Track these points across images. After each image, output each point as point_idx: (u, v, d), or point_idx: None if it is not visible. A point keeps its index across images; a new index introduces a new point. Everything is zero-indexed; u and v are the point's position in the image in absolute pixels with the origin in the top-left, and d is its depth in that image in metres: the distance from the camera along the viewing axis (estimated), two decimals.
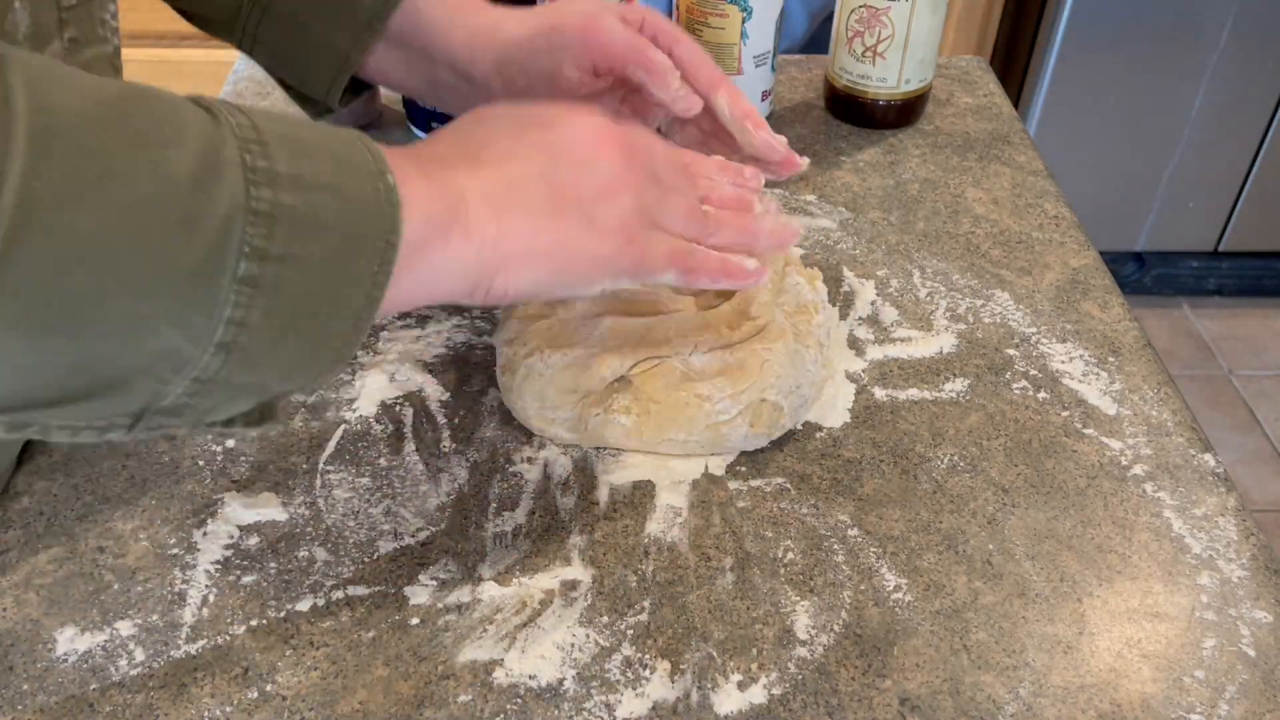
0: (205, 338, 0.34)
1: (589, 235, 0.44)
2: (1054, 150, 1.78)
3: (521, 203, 0.42)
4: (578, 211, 0.44)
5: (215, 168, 0.33)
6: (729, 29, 0.75)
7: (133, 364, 0.34)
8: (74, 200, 0.30)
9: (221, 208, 0.33)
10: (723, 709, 0.44)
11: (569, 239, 0.43)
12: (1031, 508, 0.52)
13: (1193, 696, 0.44)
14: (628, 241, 0.45)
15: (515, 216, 0.42)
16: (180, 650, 0.46)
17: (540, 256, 0.43)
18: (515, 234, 0.42)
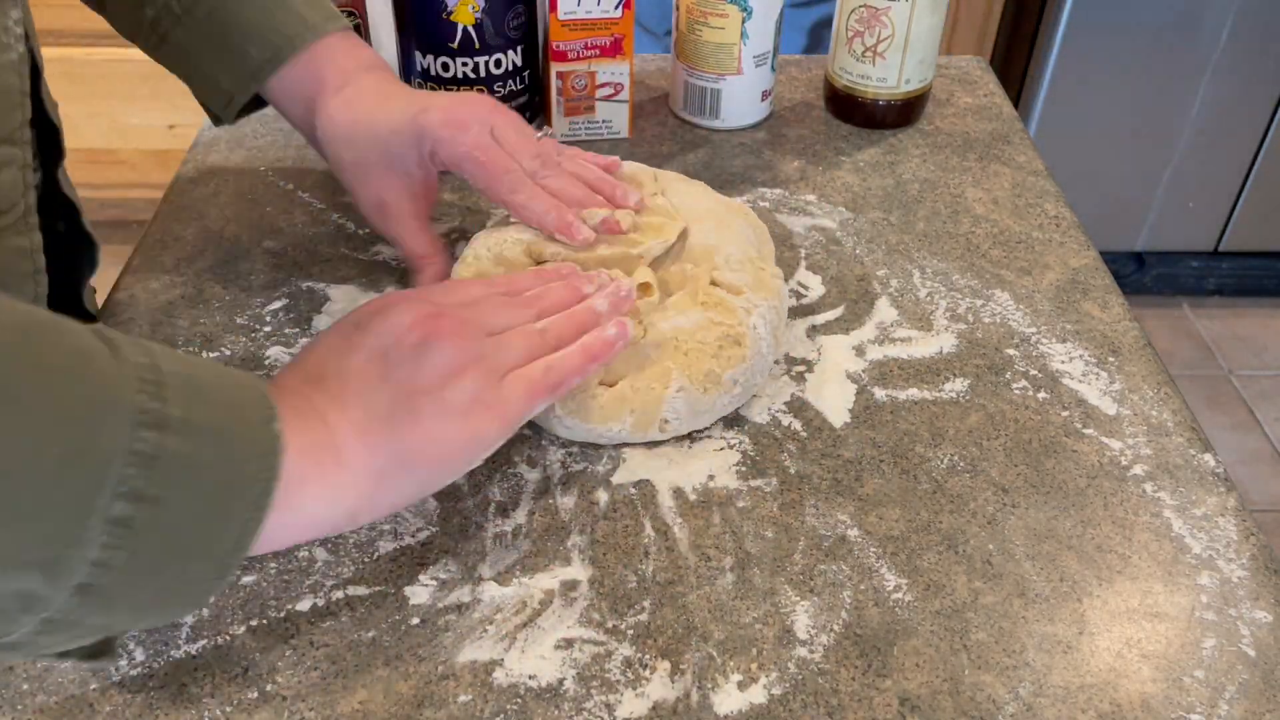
0: (65, 579, 0.33)
1: (449, 423, 0.45)
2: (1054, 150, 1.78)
3: (378, 414, 0.44)
4: (431, 403, 0.44)
5: (106, 405, 0.34)
6: (729, 29, 0.75)
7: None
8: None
9: (103, 447, 0.33)
10: (723, 709, 0.44)
11: (437, 436, 0.45)
12: (1031, 508, 0.52)
13: (1193, 696, 0.44)
14: (486, 410, 0.46)
15: (376, 429, 0.43)
16: (180, 650, 0.46)
17: (413, 462, 0.44)
18: (381, 447, 0.43)
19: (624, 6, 0.73)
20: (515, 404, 0.47)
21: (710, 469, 0.54)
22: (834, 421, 0.57)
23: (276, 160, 0.76)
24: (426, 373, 0.45)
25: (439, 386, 0.45)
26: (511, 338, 0.49)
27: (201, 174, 0.75)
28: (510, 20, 0.72)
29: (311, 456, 0.41)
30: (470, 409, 0.45)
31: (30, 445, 0.32)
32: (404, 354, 0.45)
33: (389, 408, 0.44)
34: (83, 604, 0.34)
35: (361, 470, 0.42)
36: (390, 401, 0.44)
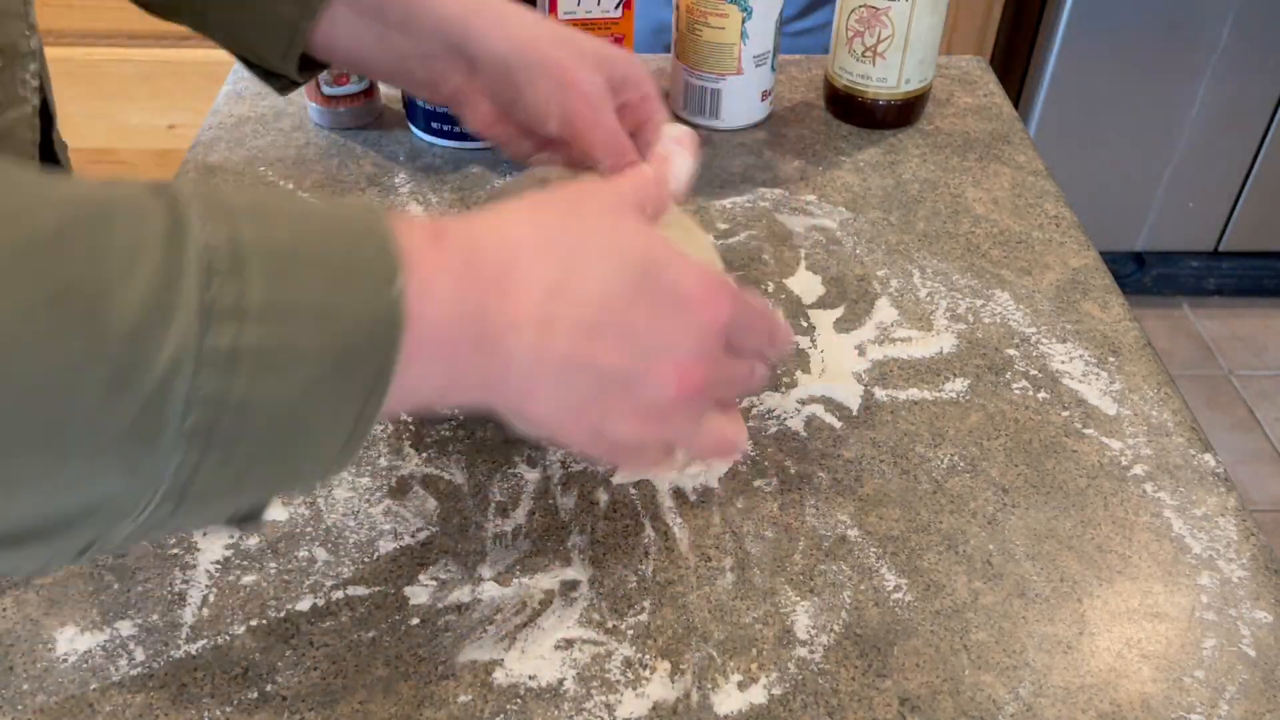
0: (149, 490, 0.30)
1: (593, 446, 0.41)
2: (1054, 150, 1.78)
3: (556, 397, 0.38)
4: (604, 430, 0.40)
5: (164, 310, 0.28)
6: (729, 29, 0.75)
7: (73, 514, 0.30)
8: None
9: (163, 361, 0.28)
10: (723, 709, 0.44)
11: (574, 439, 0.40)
12: (1031, 508, 0.52)
13: (1193, 696, 0.44)
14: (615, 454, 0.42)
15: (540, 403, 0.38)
16: (180, 650, 0.46)
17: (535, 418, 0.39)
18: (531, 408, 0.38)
19: (624, 6, 0.73)
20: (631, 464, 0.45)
21: (710, 469, 0.54)
22: (834, 421, 0.57)
23: (276, 160, 0.76)
24: (639, 410, 0.39)
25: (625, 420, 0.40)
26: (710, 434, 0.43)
27: (201, 174, 0.75)
28: None
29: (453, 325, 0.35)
30: (614, 449, 0.41)
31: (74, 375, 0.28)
32: (646, 381, 0.39)
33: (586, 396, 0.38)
34: (178, 510, 0.31)
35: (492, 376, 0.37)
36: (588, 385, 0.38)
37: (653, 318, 0.38)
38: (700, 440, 0.43)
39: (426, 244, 0.35)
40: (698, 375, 0.39)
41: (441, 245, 0.35)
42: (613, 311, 0.38)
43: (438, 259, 0.35)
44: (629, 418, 0.39)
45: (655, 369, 0.39)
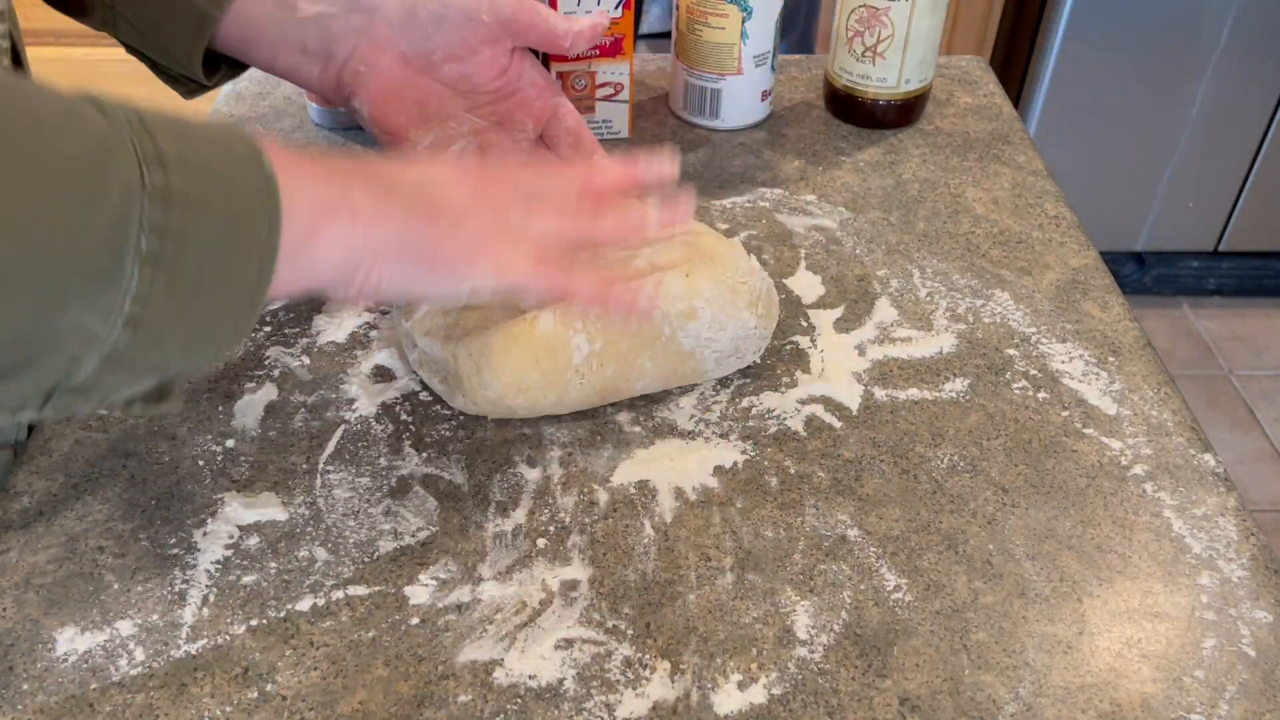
0: (114, 314, 0.35)
1: (453, 236, 0.47)
2: (1054, 150, 1.78)
3: (400, 204, 0.46)
4: (446, 215, 0.47)
5: (109, 149, 0.35)
6: (729, 29, 0.75)
7: (46, 342, 0.35)
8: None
9: (118, 185, 0.35)
10: (723, 709, 0.44)
11: (439, 237, 0.46)
12: (1031, 508, 0.52)
13: (1193, 696, 0.44)
14: (483, 251, 0.47)
15: (393, 212, 0.45)
16: (180, 650, 0.46)
17: (412, 253, 0.46)
18: (392, 229, 0.45)
19: (624, 6, 0.73)
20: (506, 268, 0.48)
21: (710, 469, 0.54)
22: (834, 421, 0.57)
23: None
24: (454, 199, 0.47)
25: (462, 207, 0.47)
26: (544, 225, 0.50)
27: None
28: None
29: (324, 208, 0.43)
30: (474, 240, 0.48)
31: (56, 190, 0.33)
32: (444, 185, 0.48)
33: (412, 203, 0.46)
34: (134, 338, 0.36)
35: (369, 237, 0.44)
36: (416, 200, 0.46)
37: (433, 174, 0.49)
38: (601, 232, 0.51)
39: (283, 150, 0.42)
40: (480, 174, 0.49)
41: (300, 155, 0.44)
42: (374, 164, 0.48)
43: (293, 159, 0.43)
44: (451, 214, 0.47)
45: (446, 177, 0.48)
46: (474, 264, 0.47)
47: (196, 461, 0.54)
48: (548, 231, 0.49)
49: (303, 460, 0.54)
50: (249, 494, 0.52)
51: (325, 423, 0.56)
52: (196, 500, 0.52)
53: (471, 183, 0.49)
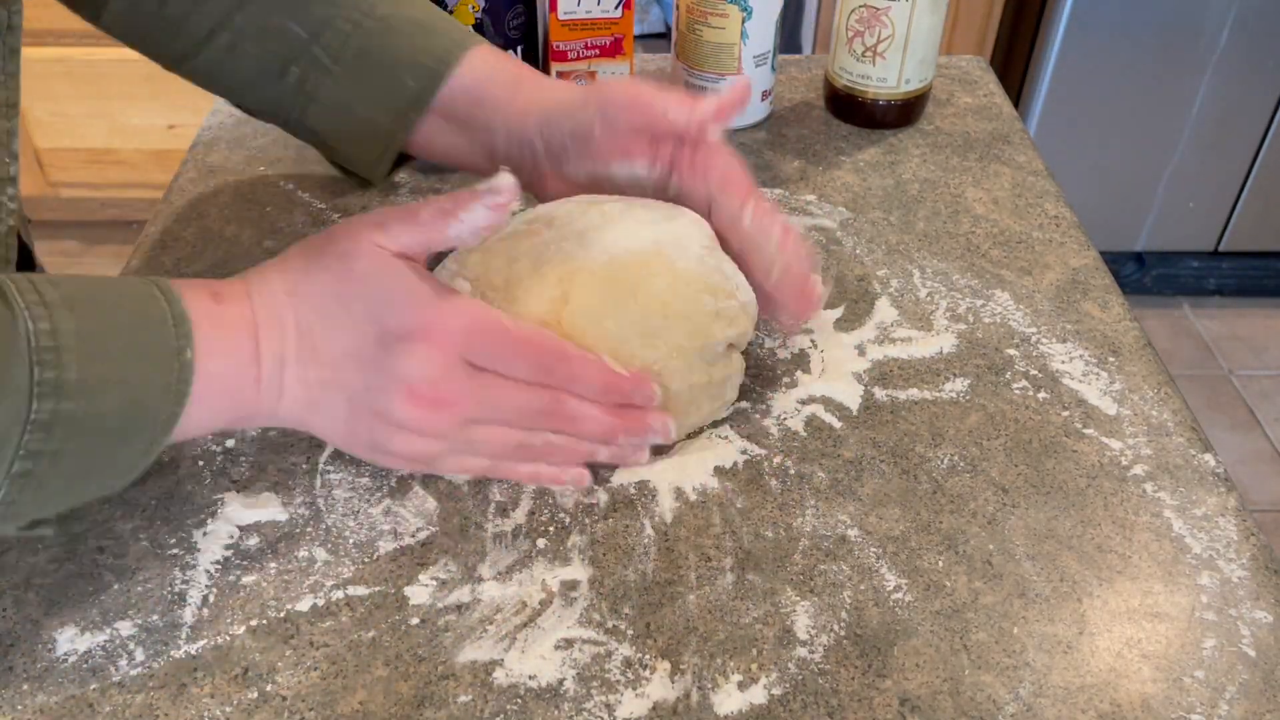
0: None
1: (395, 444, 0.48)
2: (1054, 150, 1.78)
3: (332, 403, 0.47)
4: (386, 428, 0.47)
5: (2, 394, 0.37)
6: (729, 29, 0.75)
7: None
8: None
9: (3, 419, 0.37)
10: (723, 709, 0.44)
11: (376, 441, 0.48)
12: (1031, 508, 0.52)
13: (1193, 696, 0.44)
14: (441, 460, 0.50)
15: (324, 410, 0.47)
16: (180, 650, 0.46)
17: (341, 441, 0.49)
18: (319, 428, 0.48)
19: (624, 6, 0.73)
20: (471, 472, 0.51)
21: (710, 469, 0.54)
22: (834, 421, 0.57)
23: (276, 160, 0.76)
24: (395, 418, 0.47)
25: (388, 434, 0.47)
26: (491, 436, 0.49)
27: (201, 174, 0.75)
28: (510, 20, 0.72)
29: (243, 409, 0.45)
30: (401, 458, 0.49)
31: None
32: (389, 395, 0.46)
33: (348, 411, 0.47)
34: (3, 515, 0.40)
35: (274, 408, 0.46)
36: (342, 408, 0.47)
37: (379, 346, 0.45)
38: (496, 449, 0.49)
39: (209, 306, 0.44)
40: (427, 392, 0.46)
41: (221, 305, 0.45)
42: (348, 343, 0.46)
43: (219, 319, 0.44)
44: (393, 433, 0.47)
45: (387, 388, 0.46)
46: (418, 467, 0.50)
47: (196, 461, 0.54)
48: (500, 442, 0.49)
49: (303, 460, 0.54)
50: (249, 494, 0.52)
51: None
52: (196, 500, 0.52)
53: (420, 415, 0.46)
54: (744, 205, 0.54)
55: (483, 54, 0.60)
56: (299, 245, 0.49)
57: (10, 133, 0.50)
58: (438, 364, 0.46)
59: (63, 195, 2.04)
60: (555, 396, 0.49)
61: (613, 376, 0.49)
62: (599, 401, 0.50)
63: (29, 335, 0.38)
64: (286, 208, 0.72)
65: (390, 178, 0.63)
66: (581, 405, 0.49)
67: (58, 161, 2.00)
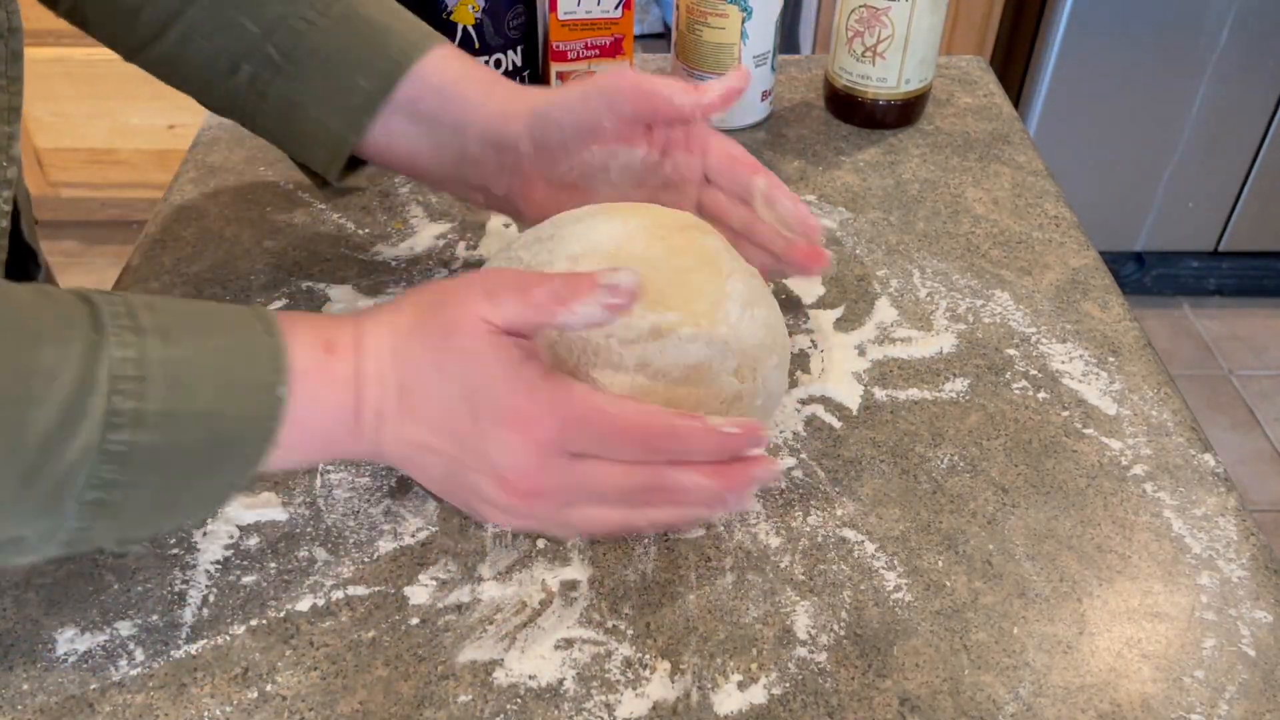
0: (49, 539, 0.38)
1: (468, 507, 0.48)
2: (1054, 150, 1.78)
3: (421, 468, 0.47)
4: (480, 504, 0.46)
5: (73, 422, 0.36)
6: (729, 29, 0.75)
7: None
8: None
9: (70, 459, 0.36)
10: (723, 709, 0.44)
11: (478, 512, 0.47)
12: (1031, 508, 0.52)
13: (1193, 696, 0.44)
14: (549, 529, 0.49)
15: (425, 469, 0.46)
16: (180, 650, 0.46)
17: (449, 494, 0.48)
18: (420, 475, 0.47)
19: (624, 6, 0.73)
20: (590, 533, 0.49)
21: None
22: (834, 421, 0.57)
23: (276, 160, 0.76)
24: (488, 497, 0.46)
25: (488, 509, 0.47)
26: (589, 520, 0.47)
27: (201, 174, 0.75)
28: (510, 20, 0.72)
29: (330, 424, 0.43)
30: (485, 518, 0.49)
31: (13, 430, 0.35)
32: (484, 478, 0.45)
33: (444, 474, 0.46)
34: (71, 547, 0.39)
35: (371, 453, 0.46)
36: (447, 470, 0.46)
37: (475, 427, 0.44)
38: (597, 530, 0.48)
39: (319, 355, 0.43)
40: (519, 483, 0.44)
41: (332, 356, 0.44)
42: (444, 415, 0.44)
43: (326, 372, 0.43)
44: (487, 509, 0.46)
45: (481, 469, 0.45)
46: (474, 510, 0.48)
47: None
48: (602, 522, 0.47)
49: None
50: (249, 494, 0.52)
51: None
52: None
53: (513, 503, 0.45)
54: (753, 178, 0.57)
55: (447, 54, 0.59)
56: (412, 295, 0.47)
57: (11, 137, 0.50)
58: (532, 455, 0.44)
59: (63, 195, 2.04)
60: (657, 472, 0.45)
61: (725, 439, 0.45)
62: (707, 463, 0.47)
63: (111, 363, 0.37)
64: (286, 208, 0.72)
65: (345, 180, 0.62)
66: (684, 475, 0.45)
67: (58, 161, 2.00)
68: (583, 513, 0.46)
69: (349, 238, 0.69)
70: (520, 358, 0.44)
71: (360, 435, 0.44)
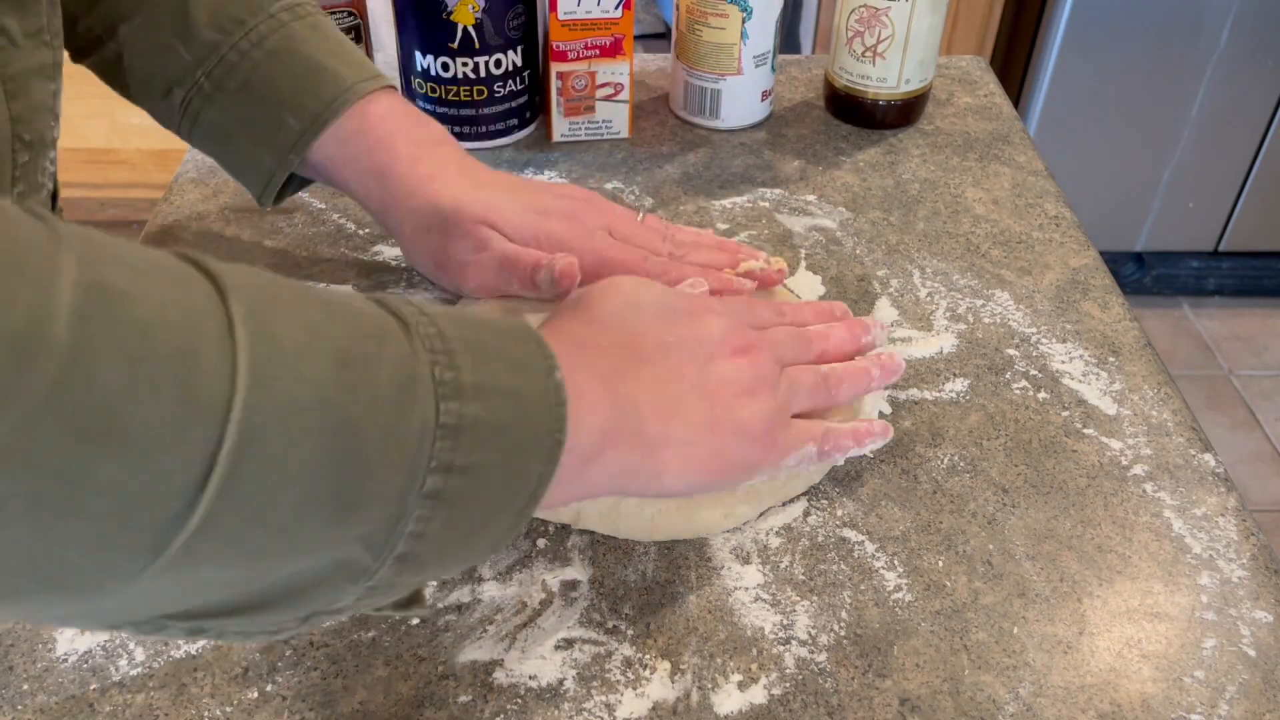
0: (386, 551, 0.34)
1: (740, 441, 0.46)
2: (1054, 150, 1.78)
3: (683, 414, 0.45)
4: (729, 419, 0.46)
5: (411, 385, 0.33)
6: (729, 29, 0.75)
7: (316, 578, 0.33)
8: (288, 431, 0.29)
9: (415, 426, 0.33)
10: (723, 709, 0.44)
11: (723, 446, 0.46)
12: (1031, 508, 0.52)
13: (1193, 696, 0.44)
14: (771, 443, 0.48)
15: (677, 426, 0.45)
16: (180, 650, 0.46)
17: (698, 463, 0.45)
18: (678, 443, 0.45)
19: (624, 6, 0.73)
20: (789, 448, 0.49)
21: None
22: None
23: None
24: (731, 386, 0.47)
25: (737, 403, 0.47)
26: (801, 376, 0.50)
27: (201, 174, 0.75)
28: (510, 20, 0.72)
29: (609, 435, 0.42)
30: (760, 435, 0.47)
31: (354, 430, 0.31)
32: (716, 364, 0.47)
33: (694, 411, 0.45)
34: (400, 570, 0.35)
35: (652, 454, 0.44)
36: (697, 407, 0.45)
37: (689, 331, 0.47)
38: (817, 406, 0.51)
39: (572, 347, 0.42)
40: (735, 340, 0.48)
41: (582, 351, 0.44)
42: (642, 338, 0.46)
43: (581, 362, 0.42)
44: (733, 400, 0.47)
45: (711, 357, 0.47)
46: (754, 469, 0.48)
47: None
48: (803, 407, 0.50)
49: None
50: None
51: None
52: None
53: (745, 348, 0.48)
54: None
55: (389, 103, 0.59)
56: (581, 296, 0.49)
57: (55, 94, 0.48)
58: (727, 324, 0.49)
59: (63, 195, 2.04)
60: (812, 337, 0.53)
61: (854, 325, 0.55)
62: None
63: (423, 335, 0.34)
64: (287, 208, 0.71)
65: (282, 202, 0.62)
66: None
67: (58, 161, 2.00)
68: (795, 370, 0.51)
69: (349, 238, 0.69)
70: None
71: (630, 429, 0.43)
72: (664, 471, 0.44)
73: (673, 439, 0.44)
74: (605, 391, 0.42)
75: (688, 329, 0.47)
